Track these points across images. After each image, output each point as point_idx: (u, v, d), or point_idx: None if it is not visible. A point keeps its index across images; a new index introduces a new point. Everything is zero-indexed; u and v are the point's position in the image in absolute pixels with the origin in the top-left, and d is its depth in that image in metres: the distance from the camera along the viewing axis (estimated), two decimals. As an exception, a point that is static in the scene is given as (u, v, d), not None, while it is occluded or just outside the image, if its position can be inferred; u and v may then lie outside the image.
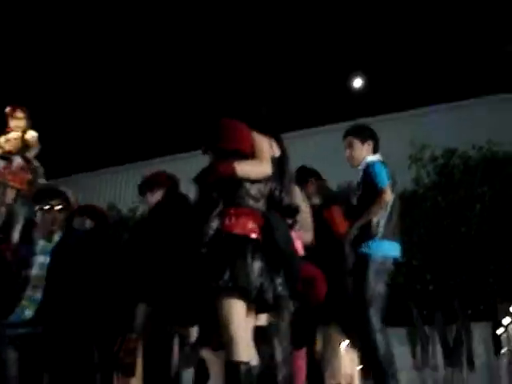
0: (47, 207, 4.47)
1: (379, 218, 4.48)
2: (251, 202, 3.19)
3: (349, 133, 4.82)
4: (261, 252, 3.10)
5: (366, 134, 4.78)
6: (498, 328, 25.66)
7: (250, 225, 3.14)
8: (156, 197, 4.51)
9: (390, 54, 21.16)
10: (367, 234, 4.45)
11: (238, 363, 2.94)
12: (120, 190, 18.62)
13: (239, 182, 3.22)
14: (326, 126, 16.99)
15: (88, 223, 4.70)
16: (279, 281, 3.13)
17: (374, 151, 4.76)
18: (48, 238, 4.50)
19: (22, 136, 5.91)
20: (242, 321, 3.00)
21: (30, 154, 5.87)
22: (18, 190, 5.75)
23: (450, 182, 10.53)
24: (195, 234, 3.18)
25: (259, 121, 3.84)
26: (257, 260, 3.05)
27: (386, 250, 4.46)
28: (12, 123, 5.94)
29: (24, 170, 5.80)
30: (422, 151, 11.27)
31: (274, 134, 3.84)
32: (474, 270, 10.06)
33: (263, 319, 3.38)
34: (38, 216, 4.51)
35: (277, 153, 3.77)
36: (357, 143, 4.74)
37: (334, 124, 16.15)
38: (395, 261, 4.51)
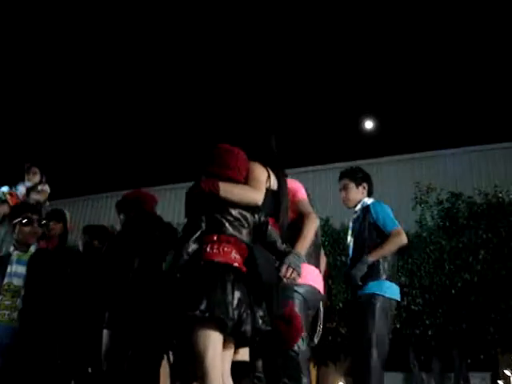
0: (25, 221, 4.68)
1: (386, 260, 4.41)
2: (233, 230, 3.07)
3: (343, 175, 4.87)
4: (242, 283, 2.98)
5: (360, 177, 4.83)
6: (497, 379, 25.18)
7: (233, 254, 3.03)
8: (123, 217, 4.48)
9: (401, 97, 21.27)
10: (375, 273, 4.36)
11: None
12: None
13: (221, 203, 3.12)
14: (336, 163, 16.95)
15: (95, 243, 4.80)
16: (260, 314, 3.00)
17: (369, 193, 4.79)
18: (24, 249, 4.70)
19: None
20: (218, 354, 2.85)
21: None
22: None
23: (455, 226, 10.40)
24: (174, 257, 3.08)
25: (261, 151, 3.77)
26: (237, 290, 2.92)
27: (392, 291, 4.36)
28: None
29: None
30: (428, 194, 11.20)
31: (276, 168, 3.76)
32: (475, 317, 9.84)
33: (244, 354, 3.22)
34: (16, 229, 4.69)
35: (274, 186, 3.68)
36: (352, 186, 4.79)
37: (345, 162, 16.20)
38: (398, 304, 4.42)
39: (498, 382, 25.20)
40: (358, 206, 4.75)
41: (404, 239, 4.37)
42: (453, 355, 12.22)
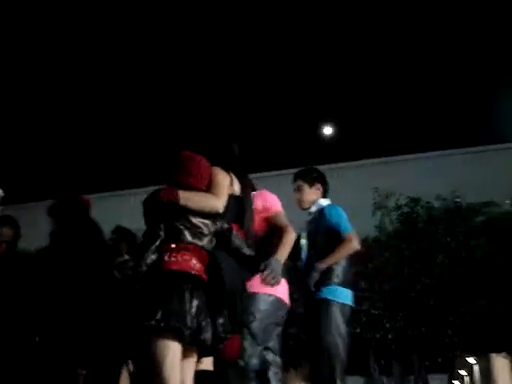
0: None
1: (339, 265, 4.40)
2: (193, 238, 3.03)
3: (297, 176, 4.78)
4: (202, 290, 2.93)
5: (314, 178, 4.74)
6: (453, 380, 25.77)
7: (192, 262, 2.98)
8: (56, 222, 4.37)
9: (360, 103, 21.56)
10: (328, 279, 4.34)
11: None
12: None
13: (181, 211, 3.08)
14: (295, 169, 17.09)
15: None
16: (221, 321, 2.95)
17: (324, 194, 4.73)
18: None
19: None
20: (176, 364, 2.79)
21: None
22: None
23: (414, 230, 10.53)
24: (133, 268, 3.03)
25: (223, 157, 3.73)
26: (196, 298, 2.87)
27: (345, 297, 4.36)
28: None
29: None
30: (387, 199, 11.31)
31: (239, 173, 3.72)
32: (434, 321, 9.96)
33: (207, 363, 3.17)
34: None
35: (237, 191, 3.64)
36: (305, 187, 4.72)
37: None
38: (352, 309, 4.43)
39: (453, 382, 25.87)
40: (313, 208, 4.69)
41: (356, 245, 4.33)
42: (412, 358, 12.35)
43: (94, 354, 4.70)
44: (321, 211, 4.58)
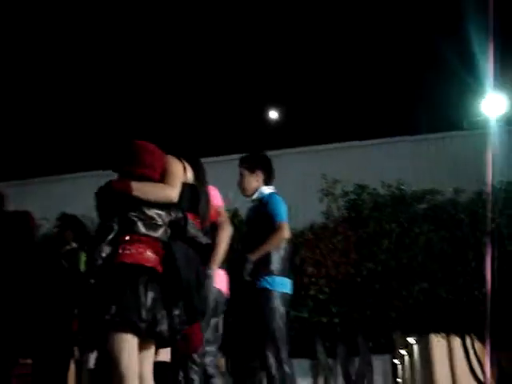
0: None
1: (276, 254, 4.49)
2: (147, 229, 3.04)
3: (240, 162, 4.83)
4: (156, 282, 2.96)
5: (256, 164, 4.79)
6: (394, 359, 26.54)
7: (147, 254, 3.00)
8: None
9: (307, 87, 21.65)
10: (265, 268, 4.45)
11: None
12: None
13: (135, 202, 3.08)
14: (240, 154, 17.04)
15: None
16: (176, 313, 2.99)
17: (267, 182, 4.77)
18: None
19: None
20: (133, 357, 2.83)
21: None
22: None
23: (360, 217, 10.76)
24: (87, 261, 3.03)
25: (175, 145, 3.74)
26: (151, 291, 2.90)
27: (284, 286, 4.49)
28: None
29: None
30: (334, 186, 11.50)
31: (191, 160, 3.74)
32: (379, 304, 10.26)
33: (164, 354, 3.22)
34: None
35: (191, 178, 3.66)
36: (247, 173, 4.77)
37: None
38: (289, 296, 4.56)
39: (394, 360, 26.63)
40: (255, 195, 4.74)
41: (286, 234, 4.42)
42: (357, 341, 12.70)
43: (40, 344, 4.68)
44: (261, 199, 4.66)
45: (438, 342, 15.77)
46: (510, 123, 14.68)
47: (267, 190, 4.75)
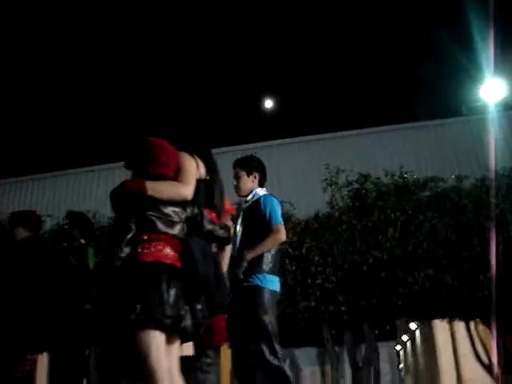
0: None
1: (268, 253, 4.65)
2: (165, 227, 3.09)
3: (236, 164, 4.99)
4: (178, 279, 3.01)
5: (252, 166, 4.95)
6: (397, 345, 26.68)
7: (166, 251, 3.05)
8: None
9: (302, 76, 21.60)
10: (258, 267, 4.59)
11: None
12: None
13: (151, 201, 3.12)
14: (241, 145, 17.04)
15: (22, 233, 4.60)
16: (199, 307, 3.06)
17: (261, 183, 4.95)
18: None
19: None
20: (161, 353, 2.90)
21: None
22: None
23: (364, 206, 10.83)
24: (106, 263, 3.05)
25: (186, 141, 3.79)
26: (173, 287, 2.96)
27: (273, 284, 4.65)
28: None
29: None
30: (337, 175, 11.56)
31: (203, 155, 3.80)
32: (385, 292, 10.36)
33: (187, 349, 3.30)
34: None
35: (204, 174, 3.72)
36: (243, 175, 4.92)
37: (253, 144, 16.32)
38: (279, 295, 4.71)
39: (396, 347, 26.73)
40: (250, 196, 4.89)
41: (282, 237, 4.61)
42: (363, 328, 12.81)
43: (52, 339, 4.75)
44: (257, 200, 4.81)
45: (441, 328, 15.91)
46: (508, 108, 14.73)
47: (262, 191, 4.90)
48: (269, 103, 18.91)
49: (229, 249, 4.02)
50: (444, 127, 16.31)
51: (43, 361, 5.58)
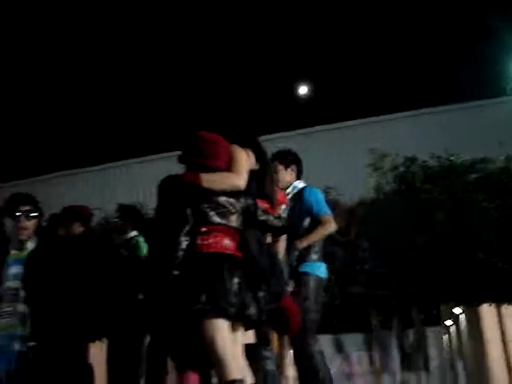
0: (18, 214, 4.34)
1: (318, 242, 4.79)
2: (221, 218, 3.13)
3: (274, 157, 5.11)
4: (239, 268, 3.06)
5: (290, 160, 5.12)
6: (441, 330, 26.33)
7: (225, 242, 3.10)
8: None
9: (348, 60, 21.31)
10: (308, 254, 4.72)
11: (232, 382, 2.91)
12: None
13: (206, 193, 3.18)
14: (282, 132, 16.98)
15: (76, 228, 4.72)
16: (261, 294, 3.10)
17: (298, 176, 5.09)
18: (20, 246, 4.35)
19: None
20: (227, 340, 2.96)
21: None
22: None
23: (411, 190, 10.71)
24: (163, 254, 3.10)
25: (237, 134, 3.84)
26: (235, 276, 3.01)
27: (322, 271, 4.77)
28: None
29: None
30: (382, 160, 11.45)
31: (253, 146, 3.84)
32: (433, 276, 10.26)
33: (249, 337, 3.35)
34: (10, 224, 4.41)
35: (254, 164, 3.76)
36: (281, 168, 5.05)
37: (305, 129, 16.36)
38: (325, 281, 4.81)
39: (441, 332, 26.39)
40: (289, 189, 5.01)
41: (333, 227, 4.77)
42: (411, 313, 12.71)
43: (112, 329, 4.88)
44: (299, 192, 4.92)
45: (489, 313, 15.65)
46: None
47: (301, 183, 5.05)
48: (303, 89, 18.71)
49: (283, 239, 4.07)
50: (490, 107, 15.96)
51: (102, 352, 5.72)
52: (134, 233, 6.50)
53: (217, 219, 3.18)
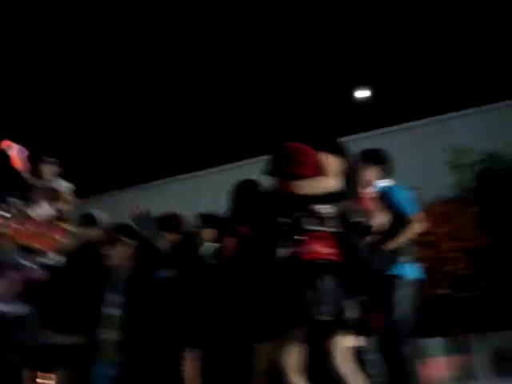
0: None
1: (407, 243, 4.60)
2: (315, 225, 3.13)
3: (360, 158, 4.98)
4: (335, 274, 3.05)
5: (373, 159, 4.96)
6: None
7: (321, 248, 3.09)
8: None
9: (417, 57, 20.87)
10: (397, 257, 4.56)
11: None
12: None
13: (299, 200, 3.19)
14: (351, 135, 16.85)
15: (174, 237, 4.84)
16: (359, 299, 3.07)
17: (383, 175, 4.91)
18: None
19: None
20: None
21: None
22: None
23: (493, 186, 10.38)
24: (262, 262, 3.15)
25: (325, 142, 3.84)
26: (329, 282, 3.01)
27: (414, 272, 4.57)
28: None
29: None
30: (461, 156, 11.15)
31: (339, 151, 3.83)
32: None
33: (350, 340, 3.31)
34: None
35: (341, 169, 3.75)
36: (365, 168, 4.90)
37: (377, 130, 16.29)
38: (420, 281, 4.60)
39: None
40: (375, 189, 4.90)
41: (419, 227, 4.56)
42: (497, 315, 12.28)
43: (206, 337, 4.89)
44: (384, 192, 4.76)
45: None
46: None
47: (386, 182, 4.92)
48: (362, 93, 18.53)
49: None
50: None
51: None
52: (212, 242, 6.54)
53: (311, 226, 3.18)
